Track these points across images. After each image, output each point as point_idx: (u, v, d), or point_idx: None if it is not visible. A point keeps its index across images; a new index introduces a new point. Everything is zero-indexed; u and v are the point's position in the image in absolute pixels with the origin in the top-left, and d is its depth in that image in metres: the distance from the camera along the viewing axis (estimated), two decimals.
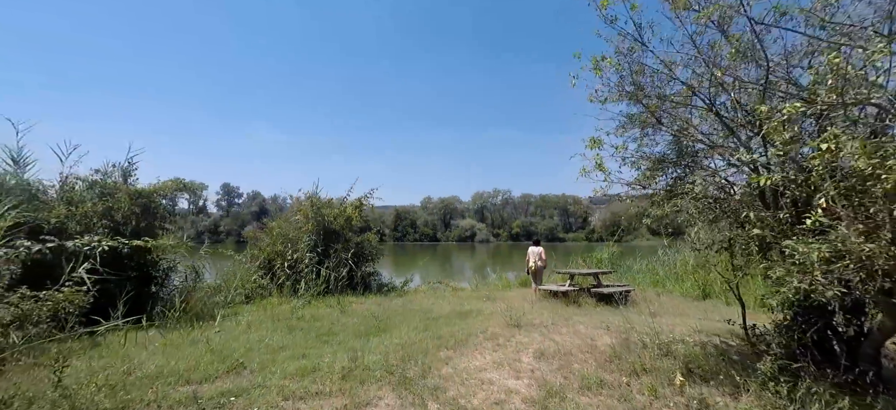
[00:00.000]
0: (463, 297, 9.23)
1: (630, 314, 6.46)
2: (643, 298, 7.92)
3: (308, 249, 9.69)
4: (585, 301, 7.58)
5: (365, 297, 9.35)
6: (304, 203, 10.30)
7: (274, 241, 9.95)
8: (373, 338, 5.23)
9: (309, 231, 9.89)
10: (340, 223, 10.38)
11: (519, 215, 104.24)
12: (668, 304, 7.40)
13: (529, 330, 5.15)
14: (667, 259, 12.17)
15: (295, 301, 8.46)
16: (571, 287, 7.81)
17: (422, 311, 7.22)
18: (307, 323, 6.39)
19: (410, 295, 9.69)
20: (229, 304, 8.43)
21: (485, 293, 9.94)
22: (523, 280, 11.98)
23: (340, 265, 9.69)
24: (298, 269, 9.48)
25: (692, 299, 8.04)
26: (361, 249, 10.59)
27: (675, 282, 9.66)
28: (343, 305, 7.94)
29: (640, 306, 7.33)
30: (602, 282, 8.09)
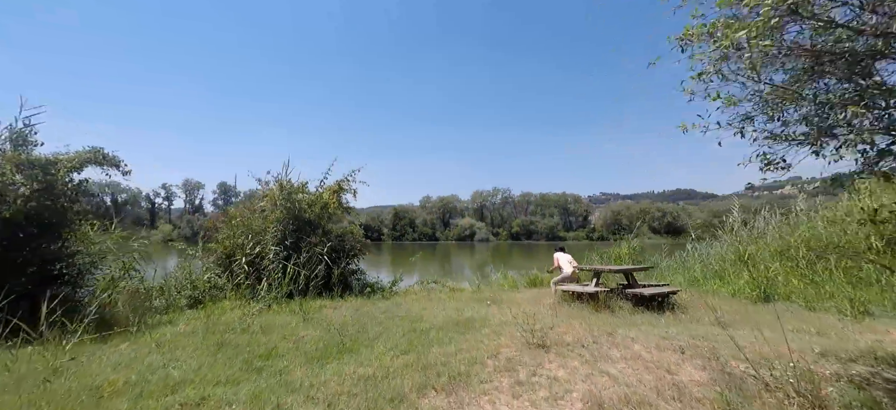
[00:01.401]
0: (462, 300, 7.54)
1: (688, 323, 4.76)
2: (689, 301, 6.24)
3: (274, 242, 7.98)
4: (618, 304, 5.89)
5: (343, 300, 7.65)
6: (271, 187, 8.59)
7: (234, 232, 8.24)
8: (329, 365, 3.55)
9: (276, 220, 8.18)
10: (316, 211, 8.67)
11: (519, 214, 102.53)
12: (726, 310, 5.71)
13: (563, 353, 3.47)
14: (698, 253, 10.50)
15: (253, 305, 6.76)
16: (600, 287, 6.12)
17: (409, 319, 5.54)
18: (249, 337, 4.69)
19: (399, 298, 7.99)
20: (167, 310, 6.72)
21: (488, 295, 8.25)
22: (533, 279, 10.28)
23: (314, 261, 7.98)
24: (261, 266, 7.78)
25: (749, 301, 6.36)
26: (342, 243, 8.90)
27: (720, 281, 7.97)
28: (309, 311, 6.25)
29: (690, 311, 5.64)
30: (636, 281, 6.40)
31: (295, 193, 8.54)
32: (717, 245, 10.30)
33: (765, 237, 9.43)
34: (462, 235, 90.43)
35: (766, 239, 8.81)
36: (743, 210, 30.91)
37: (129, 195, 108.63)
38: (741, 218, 10.61)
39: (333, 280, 8.09)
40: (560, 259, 7.18)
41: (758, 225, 10.31)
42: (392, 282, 9.43)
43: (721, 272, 8.67)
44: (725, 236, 10.60)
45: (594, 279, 6.46)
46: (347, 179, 8.88)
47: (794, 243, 7.61)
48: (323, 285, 8.09)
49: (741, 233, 9.81)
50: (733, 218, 10.62)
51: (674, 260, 10.69)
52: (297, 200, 8.45)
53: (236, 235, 8.13)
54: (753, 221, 10.55)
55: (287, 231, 8.13)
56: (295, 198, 8.40)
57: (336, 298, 7.84)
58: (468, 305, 6.91)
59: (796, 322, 4.82)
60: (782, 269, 6.86)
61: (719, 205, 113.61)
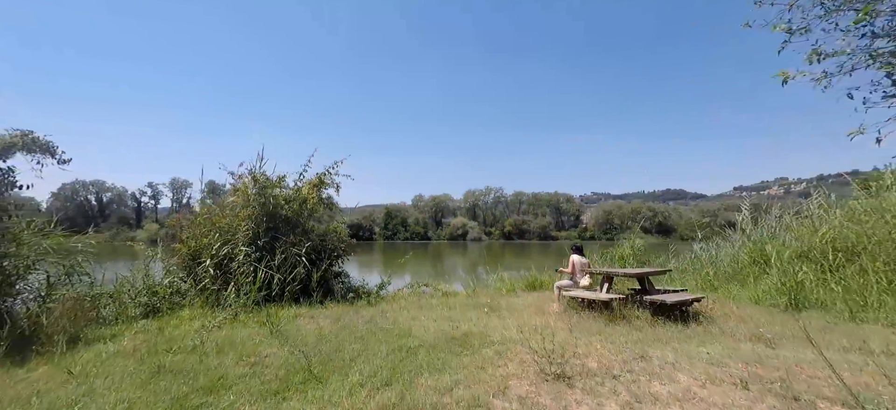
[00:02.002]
0: (457, 306, 6.75)
1: (724, 339, 4.03)
2: (712, 310, 5.54)
3: (245, 242, 7.10)
4: (634, 314, 5.16)
5: (323, 307, 6.82)
6: (244, 180, 7.69)
7: (199, 231, 7.33)
8: (287, 402, 2.73)
9: (248, 217, 7.30)
10: (294, 208, 7.80)
11: (511, 213, 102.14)
12: (758, 320, 5.01)
13: (592, 389, 2.71)
14: (706, 254, 9.86)
15: (216, 314, 5.89)
16: (615, 294, 5.38)
17: (395, 333, 4.73)
18: (198, 359, 3.84)
19: (386, 304, 7.17)
20: (116, 321, 5.82)
21: (485, 299, 7.47)
22: (531, 281, 9.54)
23: (291, 263, 7.12)
24: (230, 269, 6.89)
25: (777, 309, 5.68)
26: (324, 243, 8.05)
27: (738, 285, 7.31)
28: (280, 321, 5.40)
29: (718, 322, 4.93)
30: (653, 286, 5.67)
31: (270, 188, 7.66)
32: (726, 245, 9.66)
33: (778, 237, 8.81)
34: (454, 234, 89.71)
35: (784, 240, 8.17)
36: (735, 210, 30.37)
37: (114, 194, 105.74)
38: (751, 217, 10.00)
39: (313, 284, 7.23)
40: (576, 262, 6.41)
41: (769, 225, 9.71)
42: (379, 286, 8.61)
43: (736, 275, 8.02)
44: (735, 236, 9.98)
45: (605, 284, 5.72)
46: (329, 172, 8.02)
47: (819, 244, 6.97)
48: (301, 290, 7.24)
49: (754, 233, 9.18)
50: (743, 217, 10.00)
51: (680, 262, 10.03)
52: (273, 196, 7.57)
53: (202, 234, 7.23)
54: (763, 220, 9.95)
55: (260, 229, 7.26)
56: (270, 194, 7.52)
57: (315, 305, 7.00)
58: (463, 313, 6.13)
59: (847, 337, 4.12)
60: (812, 273, 6.20)
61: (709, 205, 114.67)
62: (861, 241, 6.67)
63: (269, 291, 6.83)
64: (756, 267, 7.89)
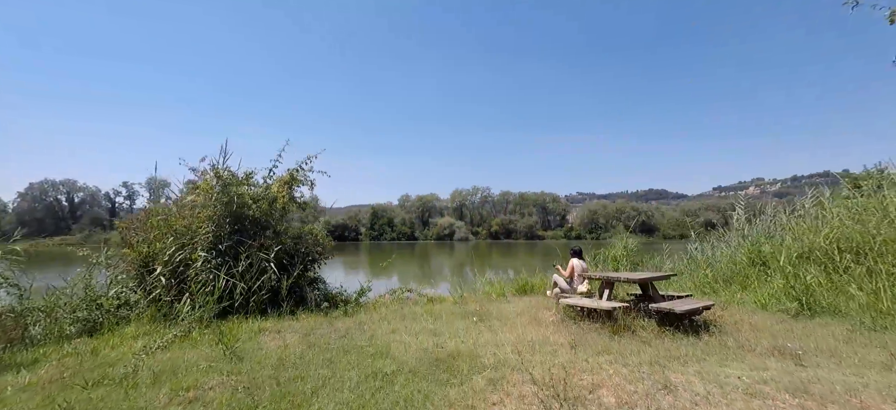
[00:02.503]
0: (442, 316, 6.14)
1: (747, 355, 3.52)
2: (720, 317, 5.07)
3: (205, 246, 6.33)
4: (639, 323, 4.64)
5: (293, 319, 6.12)
6: (206, 177, 6.90)
7: (153, 235, 6.52)
8: None
9: (208, 218, 6.53)
10: (263, 208, 7.06)
11: (498, 213, 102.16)
12: (772, 330, 4.55)
13: None
14: (701, 255, 9.51)
15: (165, 331, 5.14)
16: (615, 302, 4.85)
17: (371, 353, 4.08)
18: (122, 394, 3.12)
19: (364, 314, 6.51)
20: (45, 340, 5.00)
21: (474, 306, 6.88)
22: (522, 284, 9.00)
23: (257, 269, 6.39)
24: (186, 277, 6.12)
25: (786, 315, 5.26)
26: (297, 246, 7.33)
27: (739, 288, 6.91)
28: (240, 338, 4.69)
29: (733, 333, 4.45)
30: (657, 292, 5.17)
31: (235, 185, 6.89)
32: (722, 246, 9.32)
33: (775, 237, 8.49)
34: (441, 234, 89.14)
35: (781, 240, 7.83)
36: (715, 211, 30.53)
37: (86, 194, 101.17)
38: (745, 216, 9.70)
39: (283, 293, 6.51)
40: (576, 267, 5.87)
41: (764, 224, 9.42)
42: (358, 293, 7.93)
43: (735, 276, 7.63)
44: (730, 235, 9.66)
45: (606, 290, 5.19)
46: (302, 168, 7.29)
47: (824, 244, 6.62)
48: (270, 299, 6.52)
49: (750, 233, 8.85)
50: (738, 217, 9.68)
51: (675, 262, 9.65)
52: (238, 194, 6.81)
53: (155, 238, 6.42)
54: (758, 219, 9.66)
55: (223, 232, 6.50)
56: (234, 192, 6.75)
57: (285, 316, 6.29)
58: (450, 324, 5.52)
59: (880, 349, 3.67)
60: (822, 276, 5.82)
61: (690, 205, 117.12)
62: (867, 241, 6.34)
63: (232, 302, 6.10)
64: (755, 269, 7.53)
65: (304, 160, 7.23)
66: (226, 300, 6.10)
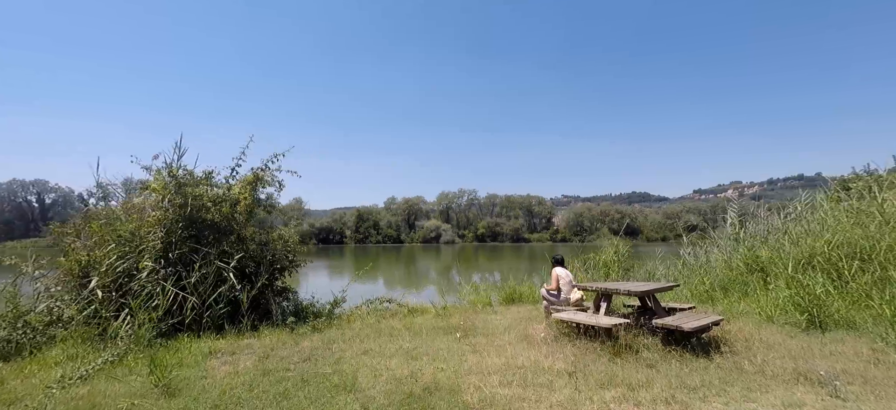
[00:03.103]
0: (423, 331, 5.54)
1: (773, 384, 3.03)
2: (728, 333, 4.60)
3: (153, 255, 5.57)
4: (641, 341, 4.13)
5: (255, 336, 5.44)
6: (156, 178, 6.13)
7: (93, 241, 5.72)
8: None
9: (158, 222, 5.77)
10: (224, 211, 6.33)
11: (484, 215, 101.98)
12: (790, 348, 4.10)
13: None
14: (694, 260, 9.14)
15: (96, 355, 4.39)
16: (614, 317, 4.33)
17: (332, 384, 3.44)
18: None
19: (335, 329, 5.85)
20: None
21: (458, 319, 6.29)
22: (509, 292, 8.46)
23: (213, 281, 5.67)
24: (130, 290, 5.35)
25: (796, 328, 4.83)
26: (263, 254, 6.62)
27: (739, 297, 6.50)
28: (176, 367, 3.98)
29: (746, 353, 3.97)
30: (660, 304, 4.67)
31: (192, 186, 6.16)
32: (716, 251, 8.97)
33: (770, 241, 8.17)
34: (428, 237, 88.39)
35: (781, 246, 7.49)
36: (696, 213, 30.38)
37: (58, 195, 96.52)
38: (739, 219, 9.39)
39: (244, 307, 5.80)
40: (560, 276, 5.36)
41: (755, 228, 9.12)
42: (332, 303, 7.25)
43: (733, 284, 7.25)
44: (722, 241, 9.33)
45: (602, 303, 4.67)
46: (267, 166, 6.58)
47: (826, 250, 6.27)
48: (229, 314, 5.80)
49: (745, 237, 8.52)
50: (731, 219, 9.37)
51: (667, 267, 9.26)
52: (195, 195, 6.07)
53: (96, 245, 5.63)
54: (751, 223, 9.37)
55: (174, 238, 5.74)
56: (190, 192, 6.01)
57: (245, 333, 5.60)
58: (430, 342, 4.92)
59: None
60: (830, 285, 5.43)
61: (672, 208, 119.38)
62: (871, 247, 6.02)
63: (182, 318, 5.36)
64: (754, 276, 7.16)
65: (270, 158, 6.53)
66: (175, 316, 5.37)
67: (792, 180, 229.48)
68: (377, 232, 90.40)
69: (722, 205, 14.63)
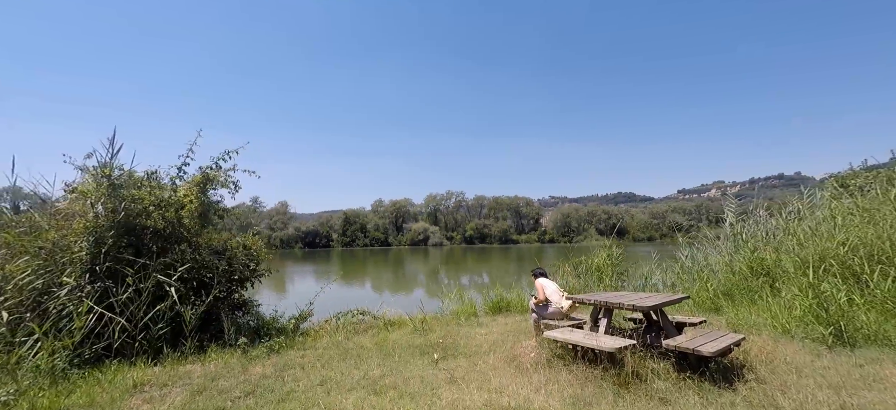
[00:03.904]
0: (396, 351, 4.81)
1: None
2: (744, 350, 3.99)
3: (78, 269, 4.71)
4: (648, 366, 3.48)
5: (200, 360, 4.64)
6: (87, 177, 5.26)
7: (4, 255, 4.82)
8: None
9: (86, 231, 4.90)
10: (169, 216, 5.49)
11: (472, 217, 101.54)
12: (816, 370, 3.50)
13: None
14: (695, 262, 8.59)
15: None
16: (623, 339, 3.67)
17: None
18: None
19: (295, 351, 5.08)
20: None
21: (437, 337, 5.58)
22: (496, 302, 7.77)
23: (147, 297, 4.83)
24: (46, 310, 4.48)
25: (819, 344, 4.26)
26: (217, 264, 5.79)
27: (748, 305, 5.94)
28: (93, 405, 3.18)
29: (769, 378, 3.35)
30: (669, 320, 4.03)
31: (130, 188, 5.30)
32: (713, 254, 8.45)
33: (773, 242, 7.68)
34: (415, 240, 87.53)
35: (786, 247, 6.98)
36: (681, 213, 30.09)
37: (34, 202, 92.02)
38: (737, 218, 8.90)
39: (187, 326, 4.98)
40: (546, 288, 4.69)
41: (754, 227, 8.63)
42: (296, 319, 6.46)
43: (736, 290, 6.70)
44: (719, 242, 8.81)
45: (603, 318, 4.01)
46: (219, 166, 5.74)
47: (841, 253, 5.75)
48: (172, 335, 4.98)
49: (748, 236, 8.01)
50: (729, 218, 8.86)
51: (664, 271, 8.70)
52: (133, 198, 5.22)
53: (4, 259, 4.73)
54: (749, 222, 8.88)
55: (104, 249, 4.88)
56: (126, 195, 5.16)
57: (189, 357, 4.78)
58: (402, 366, 4.21)
59: None
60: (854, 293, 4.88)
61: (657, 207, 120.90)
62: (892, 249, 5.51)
63: (110, 342, 4.53)
64: (758, 280, 6.63)
65: (222, 155, 5.70)
66: (101, 339, 4.53)
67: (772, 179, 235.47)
68: (364, 235, 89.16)
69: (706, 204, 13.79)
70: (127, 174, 5.58)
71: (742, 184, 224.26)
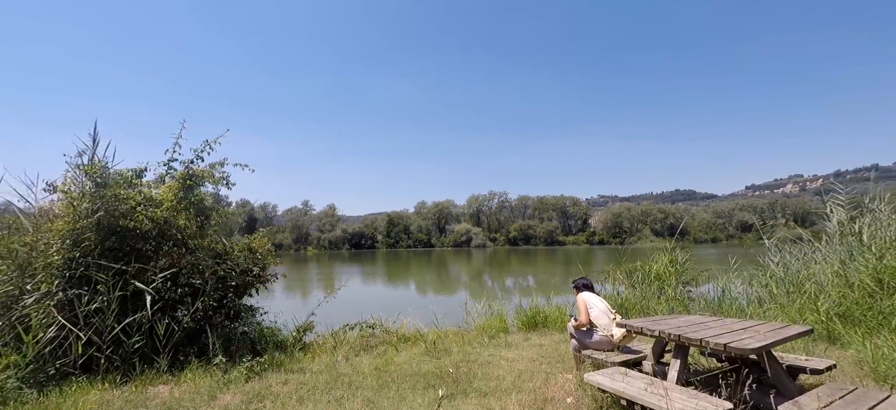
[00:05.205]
0: (395, 380, 3.85)
1: None
2: None
3: (49, 276, 4.25)
4: None
5: (173, 382, 3.98)
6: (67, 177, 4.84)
7: None
8: None
9: (61, 232, 4.44)
10: (156, 216, 4.94)
11: (516, 218, 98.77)
12: None
13: None
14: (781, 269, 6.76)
15: None
16: (714, 399, 2.39)
17: None
18: None
19: (278, 373, 4.28)
20: None
21: (451, 363, 4.55)
22: (531, 315, 6.55)
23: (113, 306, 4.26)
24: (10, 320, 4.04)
25: None
26: (214, 269, 5.17)
27: (873, 328, 4.27)
28: None
29: None
30: (779, 364, 2.66)
31: (115, 187, 4.80)
32: (817, 260, 6.58)
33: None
34: (458, 241, 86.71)
35: None
36: (751, 211, 25.94)
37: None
38: (848, 217, 6.92)
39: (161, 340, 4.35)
40: (591, 308, 3.49)
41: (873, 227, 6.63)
42: (299, 330, 5.72)
43: (855, 309, 4.97)
44: (821, 245, 6.88)
45: (675, 358, 2.75)
46: (200, 157, 5.09)
47: None
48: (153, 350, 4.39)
49: (868, 240, 6.11)
50: (836, 215, 6.91)
51: (746, 280, 6.94)
52: (118, 197, 4.71)
53: None
54: (865, 220, 6.87)
55: (78, 253, 4.38)
56: (109, 194, 4.66)
57: (161, 376, 4.14)
58: (397, 406, 3.22)
59: None
60: None
61: (722, 206, 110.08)
62: None
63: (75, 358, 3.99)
64: (894, 299, 4.86)
65: (202, 147, 5.05)
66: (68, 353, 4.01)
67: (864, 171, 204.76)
68: (408, 236, 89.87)
69: (781, 201, 11.26)
70: (114, 172, 5.12)
71: (825, 177, 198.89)
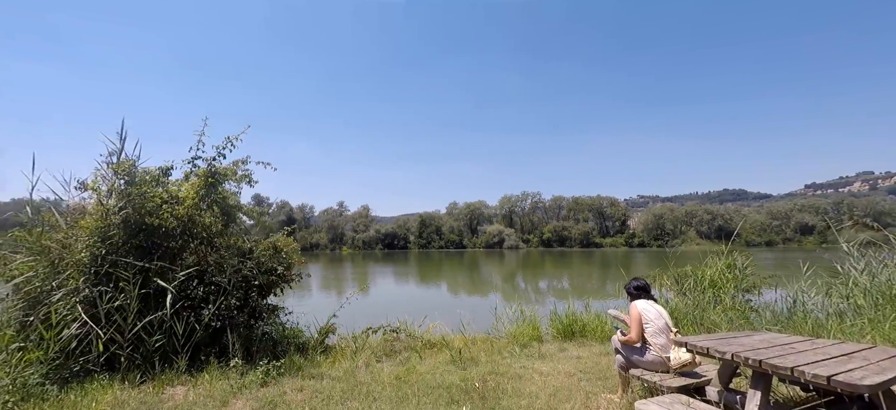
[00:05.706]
0: (415, 392, 3.51)
1: None
2: None
3: (79, 272, 4.28)
4: None
5: (191, 384, 3.89)
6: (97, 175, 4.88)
7: None
8: None
9: (92, 230, 4.47)
10: (179, 213, 4.90)
11: (550, 219, 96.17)
12: None
13: None
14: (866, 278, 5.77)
15: None
16: None
17: None
18: None
19: (293, 379, 4.07)
20: None
21: (478, 374, 4.16)
22: (568, 323, 6.02)
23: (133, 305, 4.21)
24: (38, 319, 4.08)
25: None
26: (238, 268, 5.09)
27: None
28: None
29: None
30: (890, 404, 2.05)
31: (143, 185, 4.81)
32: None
33: None
34: (490, 242, 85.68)
35: None
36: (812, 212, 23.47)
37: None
38: None
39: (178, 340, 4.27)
40: (645, 316, 2.97)
41: None
42: (321, 332, 5.53)
43: None
44: None
45: (753, 388, 2.20)
46: (222, 155, 5.00)
47: None
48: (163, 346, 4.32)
49: None
50: None
51: (820, 289, 6.00)
52: (144, 196, 4.71)
53: None
54: None
55: (103, 251, 4.38)
56: (137, 192, 4.66)
57: (179, 377, 4.05)
58: None
59: None
60: None
61: (778, 206, 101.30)
62: None
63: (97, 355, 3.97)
64: None
65: (223, 143, 4.95)
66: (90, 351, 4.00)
67: None
68: (440, 237, 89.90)
69: (848, 201, 9.72)
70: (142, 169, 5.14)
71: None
